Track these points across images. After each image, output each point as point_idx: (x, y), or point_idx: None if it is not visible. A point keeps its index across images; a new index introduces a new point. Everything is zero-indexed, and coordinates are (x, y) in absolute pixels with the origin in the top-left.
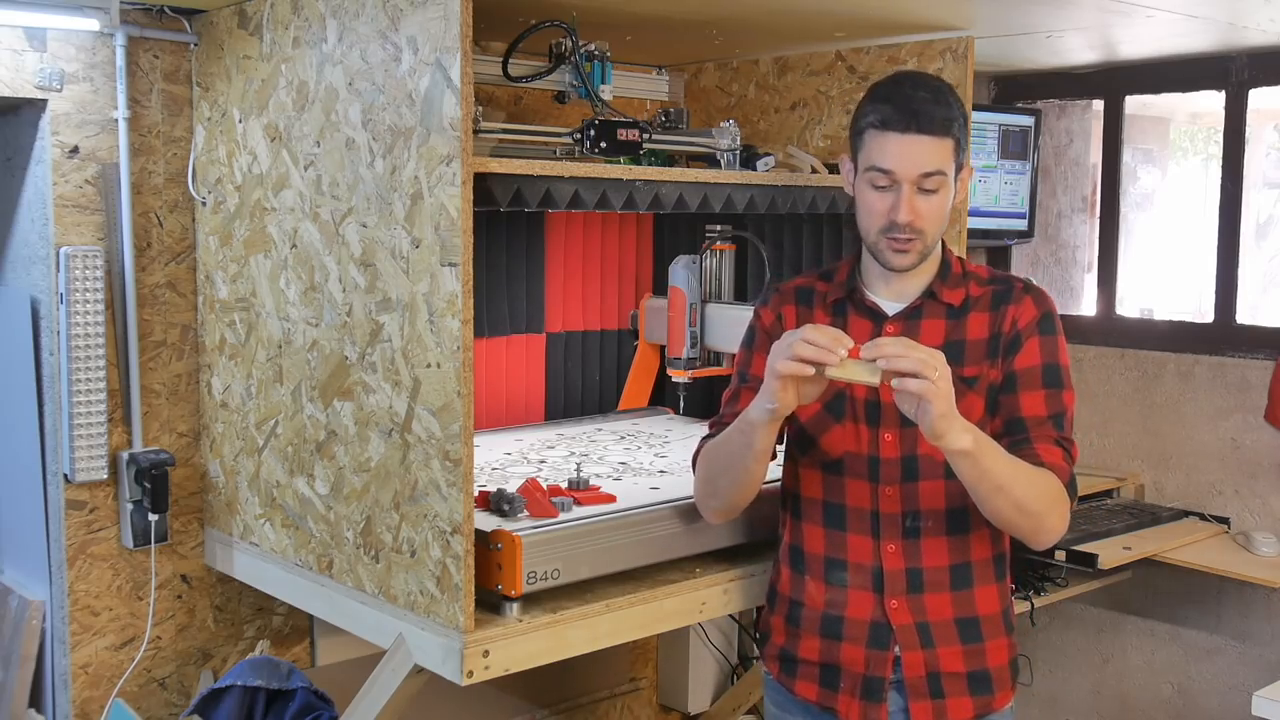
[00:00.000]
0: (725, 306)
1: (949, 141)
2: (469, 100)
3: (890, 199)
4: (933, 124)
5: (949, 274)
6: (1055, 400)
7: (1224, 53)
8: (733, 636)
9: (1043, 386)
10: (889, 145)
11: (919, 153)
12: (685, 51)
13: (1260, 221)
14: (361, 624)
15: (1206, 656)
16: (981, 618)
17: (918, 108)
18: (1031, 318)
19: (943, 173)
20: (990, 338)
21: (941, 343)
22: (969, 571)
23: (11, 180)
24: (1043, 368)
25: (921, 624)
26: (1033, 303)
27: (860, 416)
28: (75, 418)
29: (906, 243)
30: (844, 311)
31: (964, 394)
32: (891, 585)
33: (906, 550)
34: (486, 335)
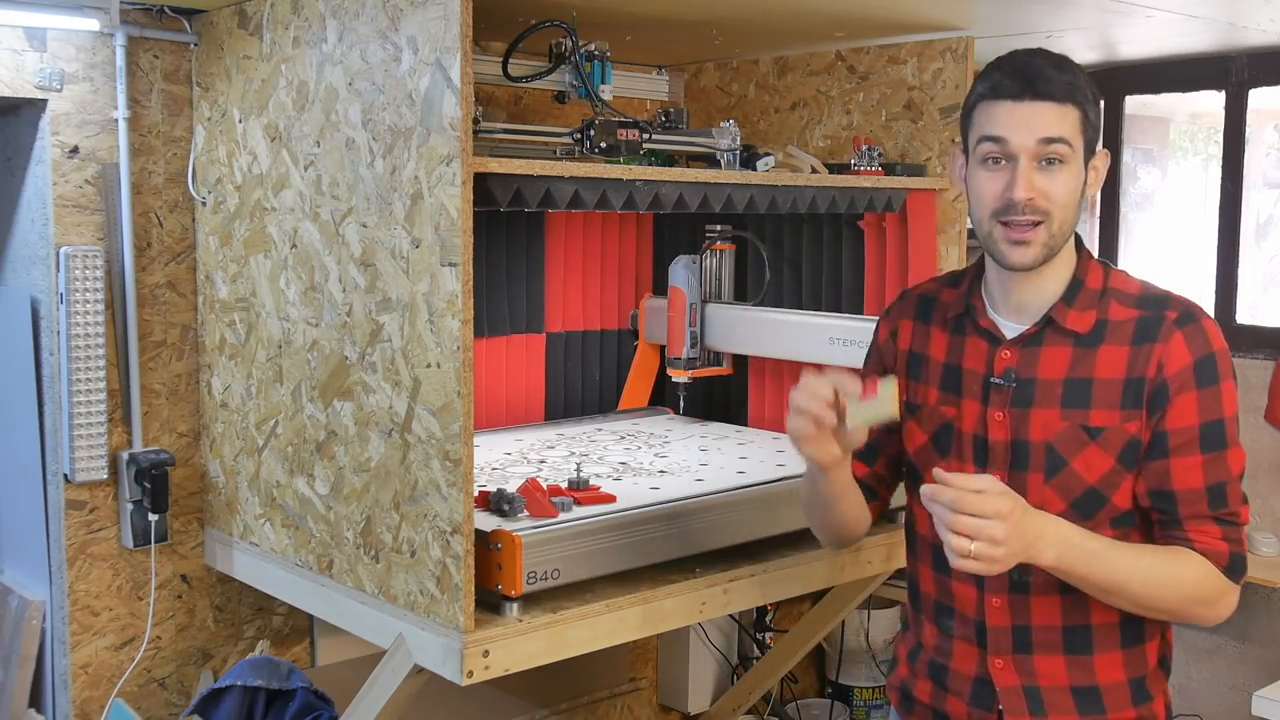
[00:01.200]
0: (725, 306)
1: (1073, 109)
2: (469, 100)
3: (1004, 176)
4: (1051, 87)
5: (1079, 292)
6: (1216, 467)
7: (1224, 53)
8: (733, 636)
9: (1200, 452)
10: (1001, 112)
11: (1039, 118)
12: (685, 51)
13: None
14: (361, 624)
15: (1206, 656)
16: (1103, 687)
17: (1035, 70)
18: (1183, 365)
19: (1066, 142)
20: (1127, 380)
21: (1064, 377)
22: (1086, 635)
23: (11, 180)
24: (1200, 429)
25: (1031, 688)
26: (1185, 344)
27: (966, 454)
28: (75, 418)
29: (1028, 229)
30: (963, 329)
31: (1083, 445)
32: (996, 642)
33: (1014, 605)
34: (486, 335)
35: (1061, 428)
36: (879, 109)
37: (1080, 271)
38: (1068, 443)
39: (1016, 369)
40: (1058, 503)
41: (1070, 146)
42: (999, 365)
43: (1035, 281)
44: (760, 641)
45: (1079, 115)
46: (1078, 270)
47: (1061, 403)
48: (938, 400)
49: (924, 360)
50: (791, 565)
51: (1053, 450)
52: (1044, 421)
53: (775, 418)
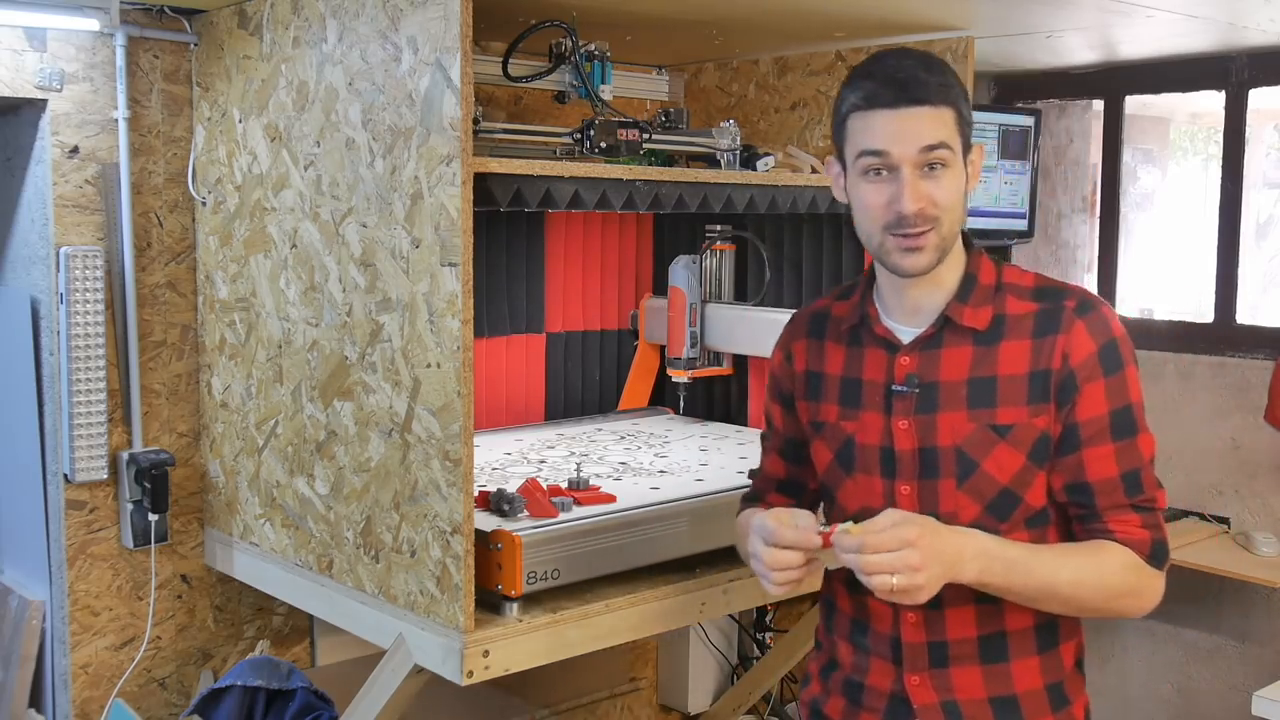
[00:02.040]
0: (725, 306)
1: (948, 110)
2: (469, 100)
3: (889, 188)
4: (926, 91)
5: (973, 289)
6: (1129, 454)
7: (1224, 53)
8: (733, 636)
9: (1112, 440)
10: (878, 123)
11: (916, 126)
12: (685, 51)
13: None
14: (361, 624)
15: (1206, 656)
16: (1020, 695)
17: (907, 76)
18: (1088, 353)
19: (947, 145)
20: (1031, 374)
21: (967, 377)
22: (1002, 643)
23: (11, 180)
24: (1110, 417)
25: (948, 703)
26: (1086, 331)
27: (872, 467)
28: (75, 418)
29: (919, 236)
30: (860, 340)
31: (993, 445)
32: (911, 659)
33: (928, 620)
34: (486, 335)
35: (969, 429)
36: None
37: (972, 267)
38: (977, 444)
39: (918, 374)
40: (971, 507)
41: (950, 149)
42: (899, 372)
43: (928, 282)
44: (760, 641)
45: (954, 115)
46: (969, 266)
47: (967, 404)
48: (838, 416)
49: (820, 378)
50: None
51: (962, 453)
52: (951, 425)
53: None
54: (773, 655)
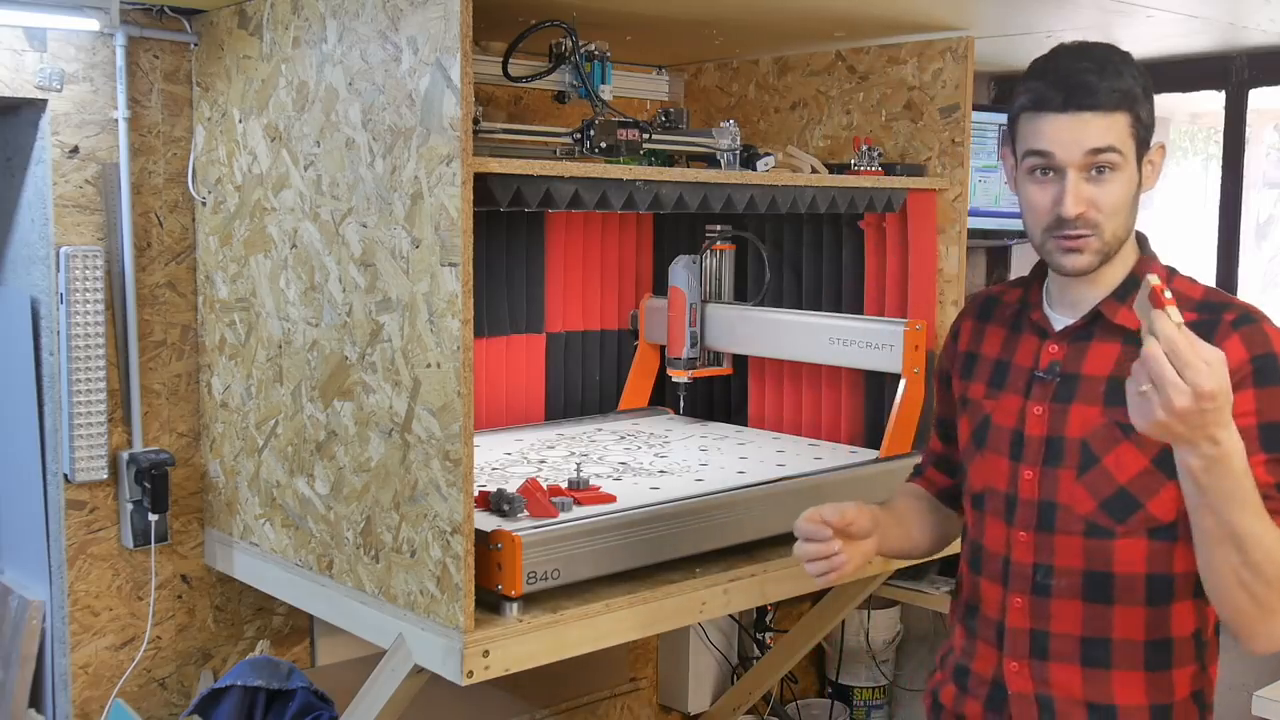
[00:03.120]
0: (725, 306)
1: (1121, 115)
2: (469, 100)
3: (1054, 189)
4: (1096, 97)
5: (1133, 289)
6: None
7: (1224, 53)
8: (733, 636)
9: (1262, 450)
10: (1046, 126)
11: (1084, 130)
12: (685, 51)
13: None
14: (361, 624)
15: None
16: (1119, 708)
17: (1079, 79)
18: (1238, 363)
19: (1115, 150)
20: None
21: (1109, 374)
22: (1106, 649)
23: (11, 180)
24: (1260, 429)
25: (1043, 697)
26: (1242, 343)
27: (1002, 448)
28: (75, 418)
29: (1079, 240)
30: (1019, 326)
31: (1116, 443)
32: (1013, 645)
33: (1034, 607)
34: (486, 335)
35: (1098, 423)
36: (879, 109)
37: (1139, 269)
38: (1102, 439)
39: (1062, 363)
40: (1087, 501)
41: (1120, 153)
42: (1044, 358)
43: (1091, 279)
44: (760, 641)
45: (1129, 119)
46: (1136, 268)
47: (1103, 399)
48: (982, 395)
49: (976, 358)
50: (791, 565)
51: (1087, 446)
52: (1082, 417)
53: (775, 418)
54: (773, 655)
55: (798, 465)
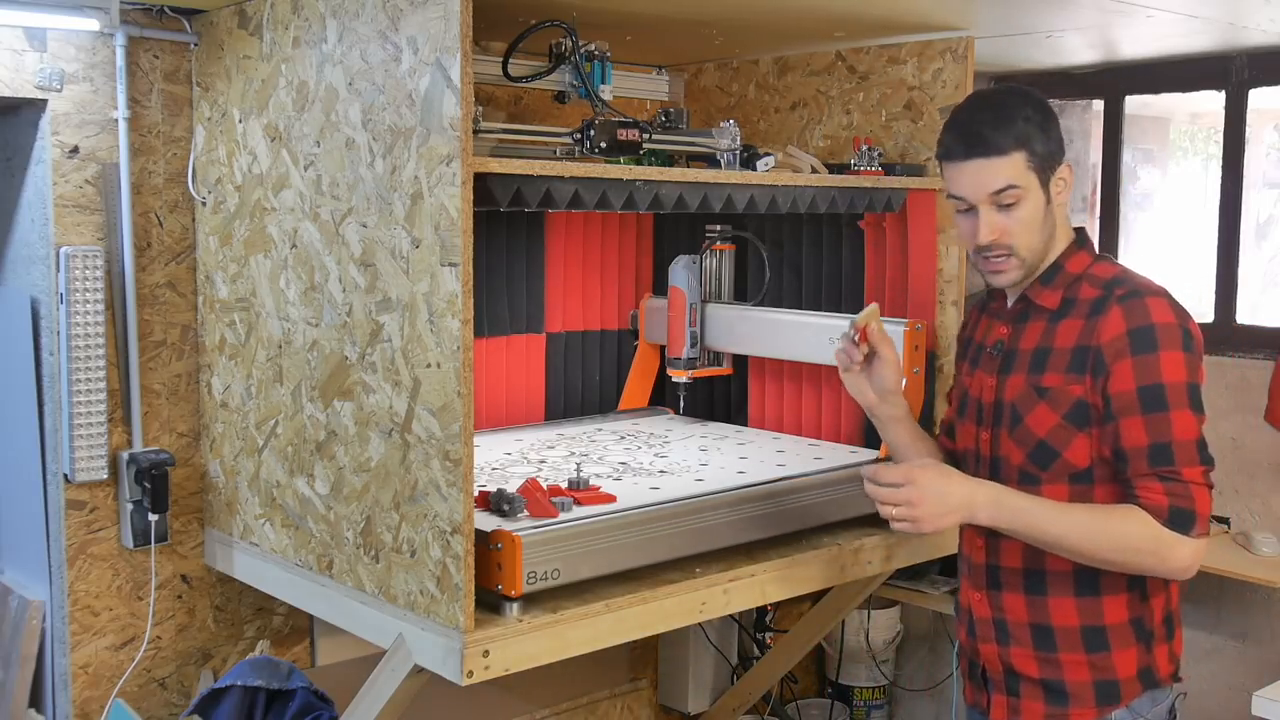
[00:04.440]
0: (725, 306)
1: (1017, 155)
2: (469, 100)
3: (972, 222)
4: (988, 146)
5: (1055, 275)
6: (1159, 427)
7: (1224, 53)
8: (733, 636)
9: (1140, 413)
10: (955, 173)
11: (982, 174)
12: (685, 51)
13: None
14: (361, 624)
15: (1206, 656)
16: (1055, 628)
17: (974, 131)
18: (1117, 333)
19: (1014, 186)
20: (1076, 349)
21: (1034, 347)
22: (1041, 579)
23: (11, 180)
24: (1138, 392)
25: (998, 619)
26: (1121, 316)
27: (970, 413)
28: (75, 418)
29: (1001, 260)
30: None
31: (1035, 404)
32: (974, 577)
33: (989, 546)
34: (486, 335)
35: (1022, 388)
36: (879, 109)
37: (1063, 258)
38: (1024, 400)
39: (1006, 340)
40: (1016, 452)
41: (1019, 187)
42: (992, 337)
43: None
44: (760, 641)
45: (1024, 155)
46: (1060, 256)
47: (1028, 368)
48: (964, 372)
49: (970, 342)
50: (791, 565)
51: (1014, 407)
52: (1013, 384)
53: (775, 418)
54: (773, 655)
55: (798, 465)
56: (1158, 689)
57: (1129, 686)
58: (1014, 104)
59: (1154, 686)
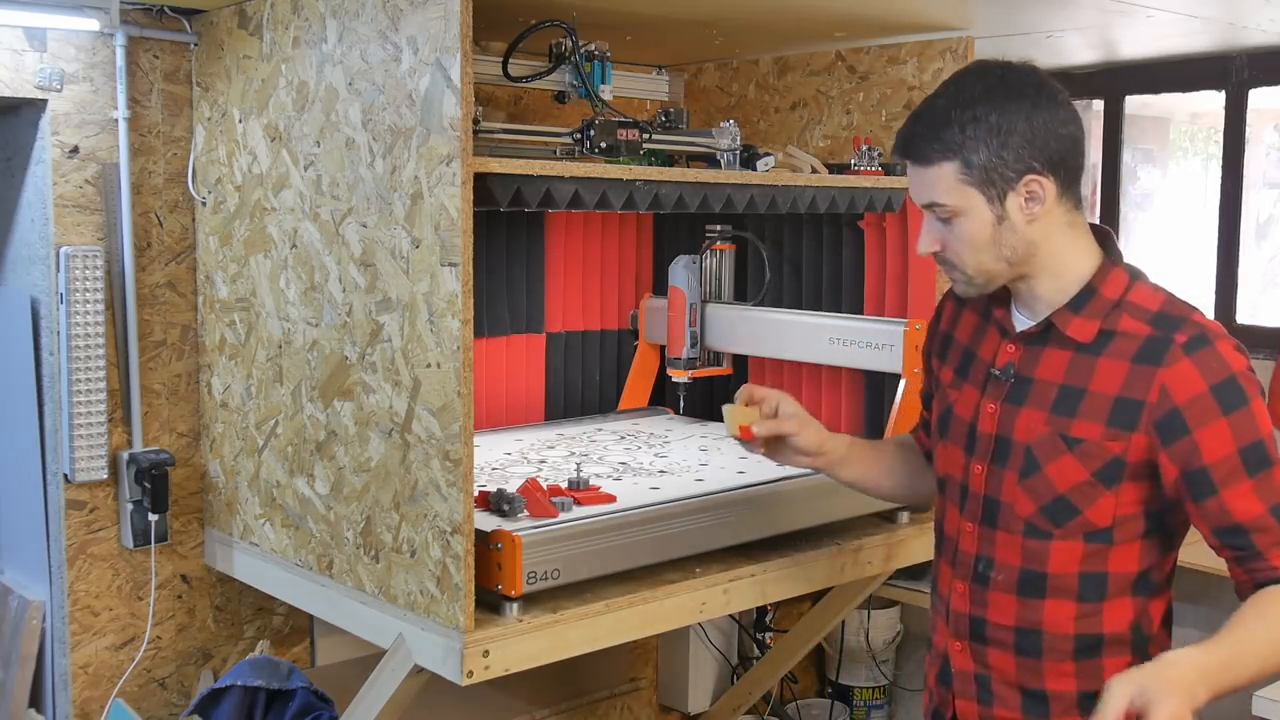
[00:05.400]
0: (725, 306)
1: (946, 167)
2: (469, 100)
3: None
4: (919, 153)
5: (1087, 300)
6: (1269, 489)
7: (1224, 53)
8: (733, 636)
9: (1249, 477)
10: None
11: (914, 184)
12: (685, 51)
13: (1260, 221)
14: (361, 624)
15: None
16: (1050, 693)
17: (909, 134)
18: (1197, 393)
19: (940, 204)
20: (1119, 398)
21: (1059, 382)
22: (1037, 639)
23: (11, 180)
24: (1241, 454)
25: (982, 676)
26: (1195, 370)
27: (959, 438)
28: (75, 418)
29: (949, 272)
30: (988, 315)
31: (1060, 453)
32: (956, 626)
33: (974, 595)
34: (486, 335)
35: (1043, 432)
36: (879, 109)
37: (1097, 279)
38: (1046, 448)
39: (1017, 365)
40: (1028, 504)
41: (947, 205)
42: (1002, 358)
43: (1027, 287)
44: (760, 641)
45: (956, 168)
46: (1094, 278)
47: (1051, 407)
48: (949, 381)
49: (951, 341)
50: (791, 565)
51: (1030, 452)
52: (1029, 422)
53: None
54: (773, 655)
55: (798, 471)
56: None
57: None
58: (963, 102)
59: None
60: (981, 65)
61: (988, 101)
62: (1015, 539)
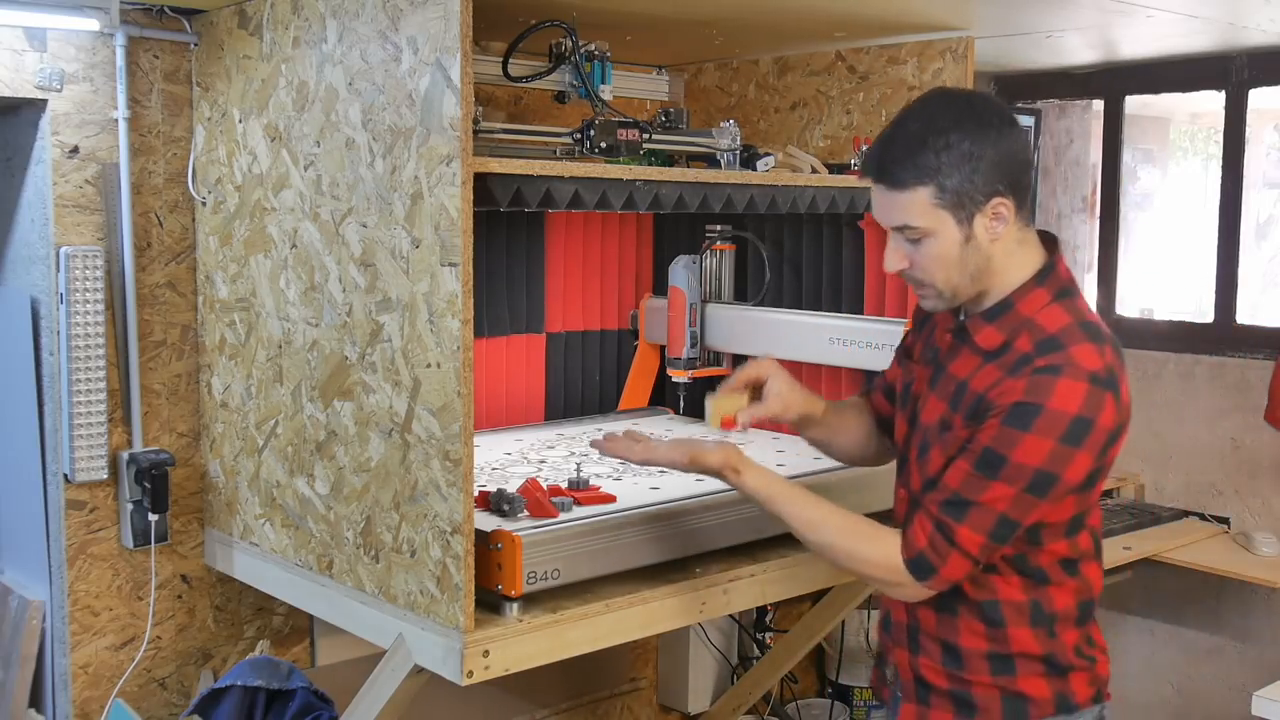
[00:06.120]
0: (725, 306)
1: (921, 191)
2: (469, 100)
3: None
4: (891, 177)
5: (1002, 313)
6: (973, 483)
7: (1224, 53)
8: (733, 636)
9: (971, 464)
10: (871, 194)
11: (885, 206)
12: (685, 51)
13: (1260, 221)
14: (361, 624)
15: (1206, 656)
16: (963, 648)
17: (880, 157)
18: (1010, 400)
19: (912, 226)
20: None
21: (959, 376)
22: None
23: (11, 180)
24: (983, 449)
25: (911, 627)
26: (1021, 389)
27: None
28: (75, 418)
29: (918, 289)
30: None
31: (937, 438)
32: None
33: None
34: (486, 335)
35: (935, 419)
36: (879, 109)
37: (1018, 295)
38: (933, 433)
39: (942, 354)
40: (918, 478)
41: (918, 227)
42: (939, 340)
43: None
44: (760, 641)
45: (930, 191)
46: (1015, 293)
47: (950, 400)
48: (916, 356)
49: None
50: (791, 565)
51: (925, 434)
52: (932, 407)
53: None
54: (773, 655)
55: (798, 465)
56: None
57: (1039, 707)
58: (937, 129)
59: (1069, 711)
60: (946, 94)
61: (960, 129)
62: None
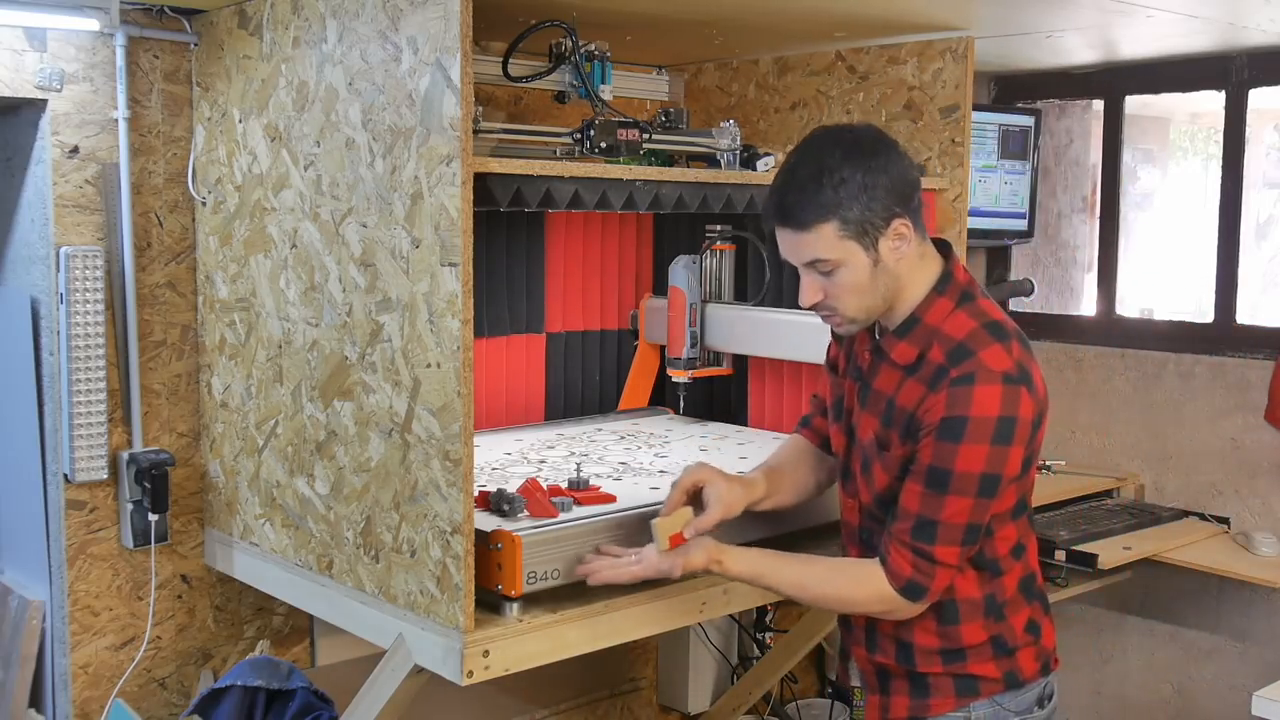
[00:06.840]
0: (725, 306)
1: (825, 227)
2: (469, 100)
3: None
4: (794, 219)
5: (912, 328)
6: (930, 503)
7: (1224, 53)
8: (733, 636)
9: (923, 484)
10: (778, 236)
11: (794, 246)
12: (685, 51)
13: (1260, 221)
14: (361, 624)
15: (1206, 656)
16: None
17: (780, 200)
18: (936, 418)
19: (821, 259)
20: (911, 414)
21: (886, 393)
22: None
23: (11, 180)
24: (928, 469)
25: (869, 624)
26: (944, 403)
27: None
28: (75, 418)
29: (829, 319)
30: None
31: (877, 457)
32: None
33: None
34: (486, 335)
35: (871, 436)
36: (879, 109)
37: (921, 309)
38: (871, 449)
39: (865, 371)
40: (867, 493)
41: (828, 259)
42: (862, 360)
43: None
44: (760, 641)
45: (834, 226)
46: (919, 307)
47: (881, 416)
48: (842, 370)
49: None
50: None
51: (864, 450)
52: (866, 424)
53: (775, 418)
54: (773, 655)
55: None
56: (1022, 688)
57: (989, 685)
58: (829, 167)
59: (1018, 687)
60: (829, 132)
61: (850, 164)
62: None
